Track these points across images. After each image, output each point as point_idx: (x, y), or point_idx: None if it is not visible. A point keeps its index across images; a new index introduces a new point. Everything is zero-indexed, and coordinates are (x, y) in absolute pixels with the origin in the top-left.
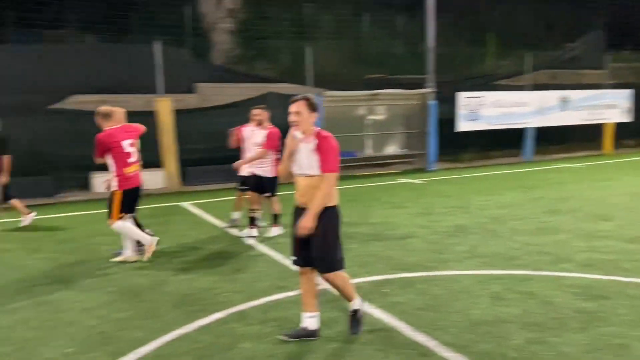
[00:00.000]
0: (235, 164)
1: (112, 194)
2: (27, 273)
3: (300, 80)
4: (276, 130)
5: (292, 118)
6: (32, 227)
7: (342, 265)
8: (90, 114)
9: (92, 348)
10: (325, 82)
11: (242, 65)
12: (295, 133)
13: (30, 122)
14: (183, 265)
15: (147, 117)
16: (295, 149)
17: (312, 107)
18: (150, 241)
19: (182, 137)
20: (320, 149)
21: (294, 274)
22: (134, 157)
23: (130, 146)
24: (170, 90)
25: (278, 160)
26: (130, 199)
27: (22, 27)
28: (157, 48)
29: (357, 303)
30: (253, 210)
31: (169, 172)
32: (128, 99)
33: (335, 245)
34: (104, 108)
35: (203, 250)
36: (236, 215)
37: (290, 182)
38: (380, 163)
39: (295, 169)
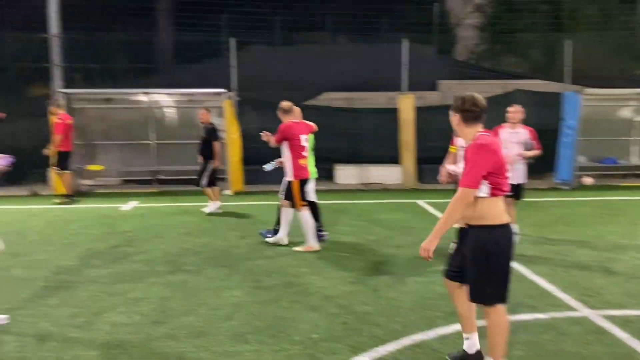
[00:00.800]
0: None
1: (289, 183)
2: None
3: (556, 77)
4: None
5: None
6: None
7: (492, 300)
8: (340, 111)
9: (335, 338)
10: (584, 78)
11: (487, 61)
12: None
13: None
14: (421, 266)
15: (389, 113)
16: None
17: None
18: (312, 244)
19: (422, 134)
20: (465, 158)
21: (545, 293)
22: (306, 152)
23: (305, 141)
24: (413, 87)
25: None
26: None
27: (286, 30)
28: (405, 46)
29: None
30: None
31: (406, 169)
32: (371, 96)
33: (484, 274)
34: (285, 103)
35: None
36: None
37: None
38: None
39: None
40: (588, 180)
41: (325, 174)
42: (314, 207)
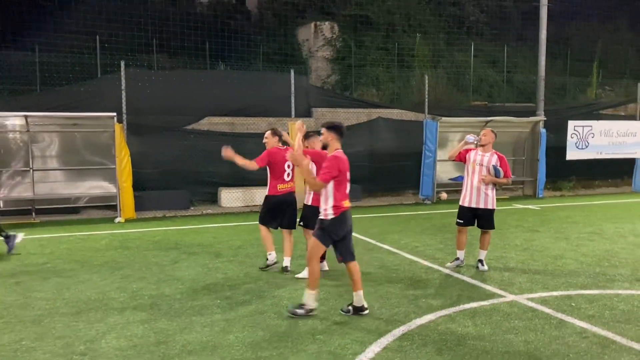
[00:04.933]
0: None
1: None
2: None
3: (408, 106)
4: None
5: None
6: None
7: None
8: (218, 134)
9: None
10: (432, 108)
11: (344, 92)
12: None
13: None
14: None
15: None
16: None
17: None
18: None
19: None
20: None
21: (474, 286)
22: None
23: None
24: (288, 114)
25: None
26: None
27: (164, 54)
28: (292, 75)
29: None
30: None
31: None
32: (253, 121)
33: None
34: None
35: None
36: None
37: None
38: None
39: None
40: (444, 196)
41: (211, 198)
42: None
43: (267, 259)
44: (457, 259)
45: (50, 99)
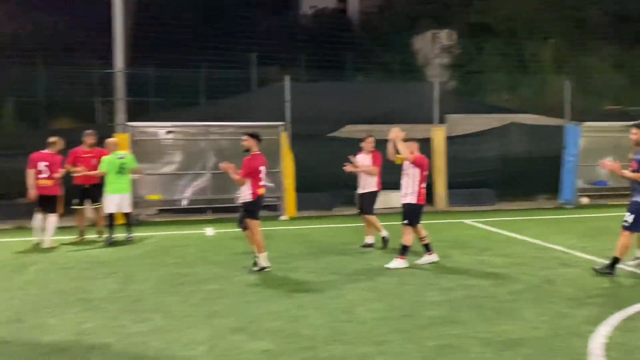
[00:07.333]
0: None
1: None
2: None
3: (543, 111)
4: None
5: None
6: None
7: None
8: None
9: None
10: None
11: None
12: None
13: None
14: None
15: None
16: None
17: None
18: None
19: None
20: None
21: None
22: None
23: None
24: (418, 121)
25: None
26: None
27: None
28: (436, 84)
29: None
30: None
31: (439, 192)
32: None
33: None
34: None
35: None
36: None
37: None
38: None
39: None
40: (585, 200)
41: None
42: None
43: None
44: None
45: (211, 110)
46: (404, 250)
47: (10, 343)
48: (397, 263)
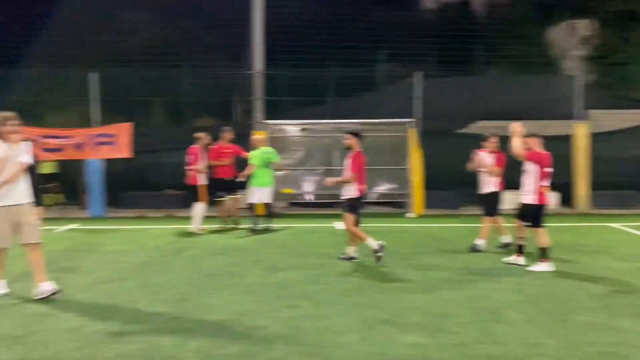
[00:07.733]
0: None
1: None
2: None
3: None
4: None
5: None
6: None
7: None
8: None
9: None
10: None
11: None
12: None
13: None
14: None
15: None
16: None
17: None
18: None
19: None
20: None
21: None
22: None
23: None
24: (552, 117)
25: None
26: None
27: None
28: (579, 79)
29: None
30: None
31: (580, 194)
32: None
33: None
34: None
35: None
36: None
37: None
38: None
39: None
40: None
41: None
42: None
43: None
44: None
45: (338, 108)
46: (544, 253)
47: (181, 319)
48: (542, 266)
